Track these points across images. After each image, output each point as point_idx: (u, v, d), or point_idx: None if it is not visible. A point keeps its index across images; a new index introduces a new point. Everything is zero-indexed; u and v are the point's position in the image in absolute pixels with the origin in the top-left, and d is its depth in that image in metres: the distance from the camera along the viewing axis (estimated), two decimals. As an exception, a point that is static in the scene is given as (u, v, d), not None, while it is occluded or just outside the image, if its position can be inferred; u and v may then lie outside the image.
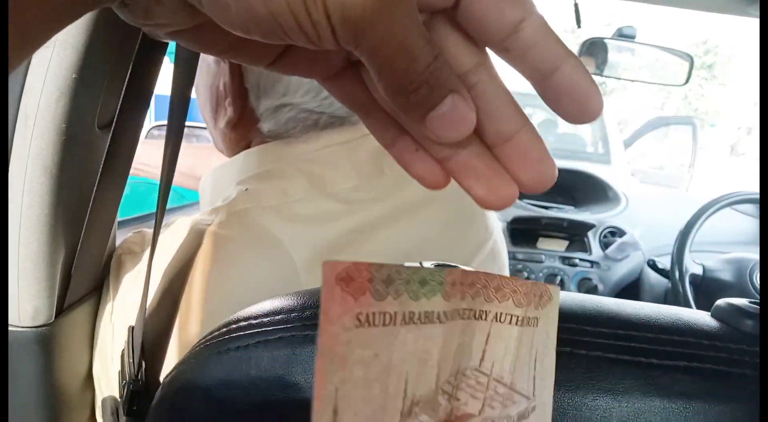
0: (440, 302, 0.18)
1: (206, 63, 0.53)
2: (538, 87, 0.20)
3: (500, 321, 0.21)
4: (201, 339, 0.33)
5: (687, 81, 1.18)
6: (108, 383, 0.50)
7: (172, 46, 0.45)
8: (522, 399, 0.22)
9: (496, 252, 0.51)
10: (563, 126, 4.02)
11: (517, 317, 0.21)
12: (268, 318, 0.30)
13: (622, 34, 1.17)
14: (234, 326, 0.31)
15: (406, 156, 0.22)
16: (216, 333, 0.32)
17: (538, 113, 4.19)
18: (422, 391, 0.18)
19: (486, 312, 0.20)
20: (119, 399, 0.47)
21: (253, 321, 0.31)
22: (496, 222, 0.54)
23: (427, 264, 0.31)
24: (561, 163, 1.96)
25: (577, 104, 0.19)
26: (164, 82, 0.51)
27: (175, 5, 0.19)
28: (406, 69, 0.19)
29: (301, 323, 0.29)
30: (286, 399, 0.28)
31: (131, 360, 0.45)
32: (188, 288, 0.45)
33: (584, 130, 3.80)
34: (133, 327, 0.46)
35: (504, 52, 0.20)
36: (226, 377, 0.30)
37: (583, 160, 3.41)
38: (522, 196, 1.54)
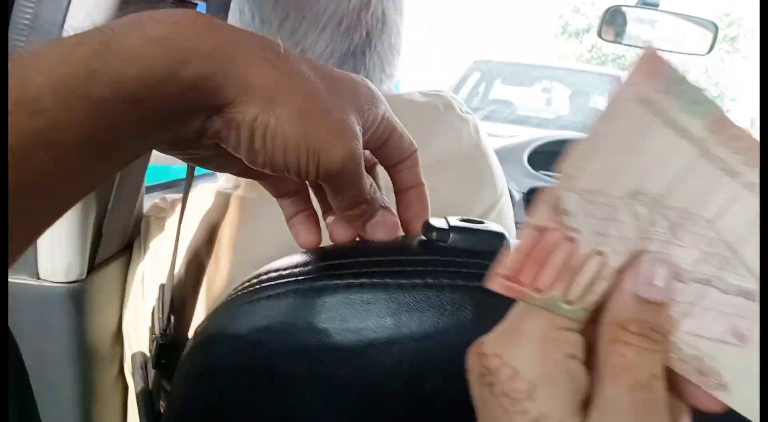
0: (698, 127, 0.20)
1: None
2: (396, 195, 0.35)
3: (751, 190, 0.20)
4: (231, 291, 0.35)
5: (710, 50, 1.16)
6: (137, 339, 0.52)
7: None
8: (751, 278, 0.21)
9: (503, 214, 0.52)
10: (579, 99, 3.97)
11: (755, 185, 0.20)
12: (298, 269, 0.31)
13: (645, 2, 1.15)
14: (264, 277, 0.33)
15: (303, 221, 0.35)
16: (246, 283, 0.33)
17: (563, 88, 4.14)
18: (650, 187, 0.20)
19: (739, 173, 0.20)
20: (148, 355, 0.48)
21: (283, 272, 0.32)
22: (504, 185, 0.55)
23: (452, 218, 0.32)
24: (574, 134, 1.95)
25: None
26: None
27: (212, 149, 0.28)
28: (355, 195, 0.31)
29: (330, 272, 0.30)
30: (316, 344, 0.29)
31: (161, 316, 0.46)
32: (216, 248, 0.47)
33: (601, 104, 3.75)
34: (163, 285, 0.47)
35: (393, 171, 0.34)
36: (258, 324, 0.31)
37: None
38: (537, 168, 1.53)
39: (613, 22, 1.07)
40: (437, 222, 0.32)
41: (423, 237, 0.32)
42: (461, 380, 0.28)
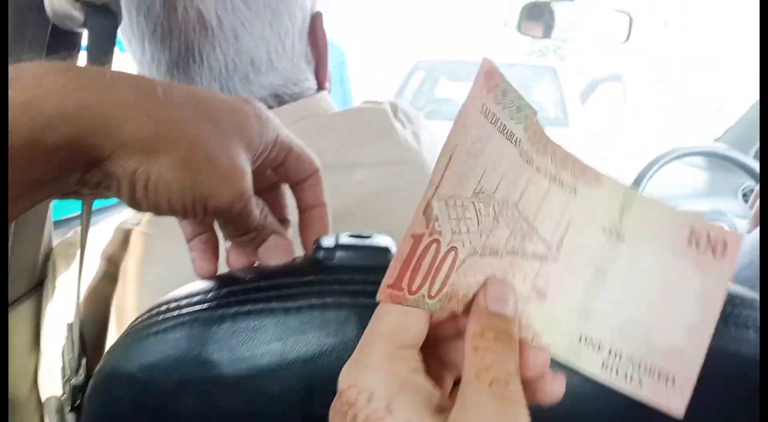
0: (521, 131, 0.23)
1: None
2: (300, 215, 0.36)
3: (539, 171, 0.25)
4: (127, 328, 0.34)
5: (627, 38, 1.20)
6: (53, 383, 0.50)
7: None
8: (540, 243, 0.25)
9: None
10: (522, 92, 4.05)
11: (551, 174, 0.25)
12: (186, 301, 0.31)
13: (562, -4, 1.18)
14: (155, 312, 0.32)
15: (201, 246, 0.34)
16: (139, 320, 0.33)
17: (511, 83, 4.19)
18: (487, 187, 0.23)
19: (533, 160, 0.24)
20: (62, 398, 0.47)
21: (172, 305, 0.31)
22: None
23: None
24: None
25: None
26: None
27: (116, 193, 0.27)
28: (243, 226, 0.31)
29: (216, 302, 0.30)
30: (205, 377, 0.29)
31: (71, 356, 0.45)
32: (121, 284, 0.46)
33: (545, 96, 3.84)
34: (70, 324, 0.46)
35: (296, 190, 0.35)
36: (148, 360, 0.30)
37: (544, 124, 3.45)
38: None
39: (531, 17, 1.10)
40: (326, 240, 0.32)
41: (313, 257, 0.32)
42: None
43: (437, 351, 0.25)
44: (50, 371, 0.50)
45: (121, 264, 0.47)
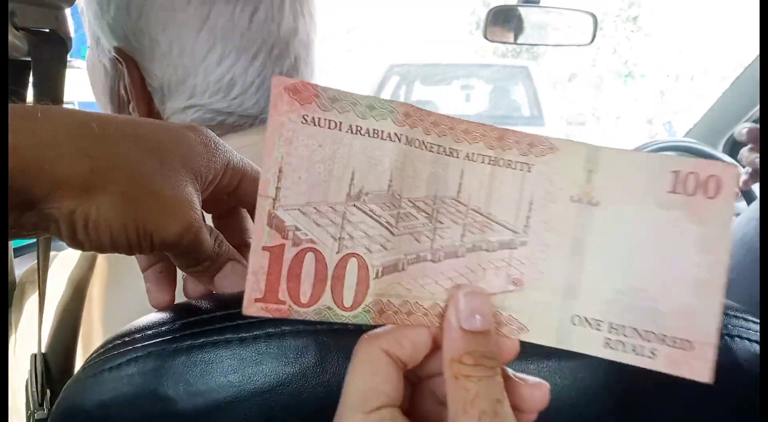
0: (391, 125, 0.22)
1: (101, 65, 0.51)
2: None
3: (472, 160, 0.24)
4: (84, 362, 0.33)
5: (592, 40, 1.21)
6: (18, 418, 0.49)
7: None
8: (504, 230, 0.24)
9: None
10: (498, 93, 4.08)
11: (489, 158, 0.24)
12: (140, 334, 0.30)
13: (527, 0, 1.19)
14: (110, 346, 0.31)
15: (156, 277, 0.33)
16: (94, 354, 0.32)
17: (482, 84, 4.25)
18: (372, 187, 0.22)
19: (457, 150, 0.24)
20: None
21: (127, 339, 0.31)
22: None
23: None
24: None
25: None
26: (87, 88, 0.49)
27: (57, 234, 0.26)
28: (197, 256, 0.30)
29: (171, 336, 0.29)
30: (161, 412, 0.28)
31: (35, 389, 0.44)
32: (87, 309, 0.45)
33: (520, 96, 3.88)
34: (35, 355, 0.45)
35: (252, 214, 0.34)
36: (102, 397, 0.30)
37: (520, 123, 3.49)
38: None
39: (497, 23, 1.11)
40: None
41: None
42: (310, 427, 0.28)
43: (431, 388, 0.25)
44: (16, 406, 0.49)
45: (87, 289, 0.46)
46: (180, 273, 0.34)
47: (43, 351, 0.44)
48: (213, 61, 0.45)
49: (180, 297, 0.34)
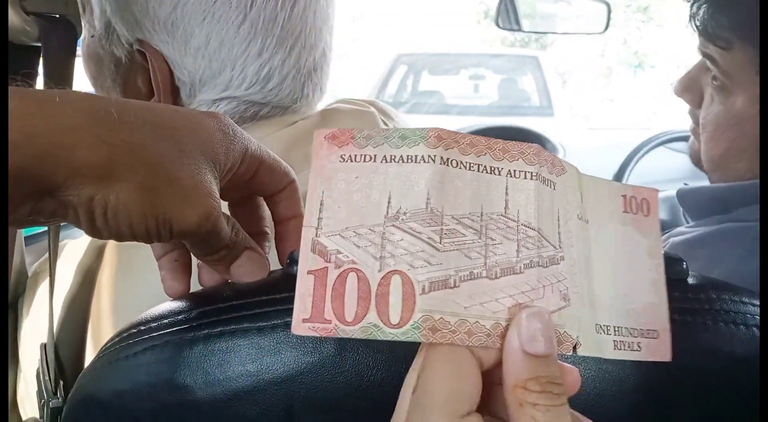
0: (423, 149, 0.23)
1: (108, 56, 0.48)
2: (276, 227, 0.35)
3: (515, 176, 0.24)
4: (99, 351, 0.33)
5: (606, 28, 1.19)
6: (32, 405, 0.49)
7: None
8: (549, 246, 0.24)
9: None
10: (507, 83, 4.05)
11: (531, 173, 0.25)
12: (156, 323, 0.30)
13: (540, -13, 1.17)
14: (125, 334, 0.31)
15: (171, 265, 0.33)
16: (110, 343, 0.32)
17: (491, 74, 4.21)
18: (410, 206, 0.23)
19: (498, 168, 0.24)
20: (41, 420, 0.46)
21: (143, 328, 0.30)
22: None
23: None
24: (499, 120, 1.99)
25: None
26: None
27: (74, 222, 0.26)
28: (213, 245, 0.29)
29: (188, 325, 0.29)
30: (178, 402, 0.28)
31: (47, 378, 0.44)
32: (96, 298, 0.45)
33: (529, 86, 3.84)
34: (44, 344, 0.45)
35: (271, 202, 0.35)
36: (119, 386, 0.29)
37: (528, 114, 3.46)
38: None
39: (508, 10, 1.09)
40: None
41: (287, 272, 0.31)
42: (330, 416, 0.28)
43: (486, 405, 0.23)
44: (29, 394, 0.49)
45: (96, 278, 0.46)
46: (195, 262, 0.34)
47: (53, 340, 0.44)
48: (253, 54, 0.44)
49: (194, 287, 0.34)
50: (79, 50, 0.46)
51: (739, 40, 0.52)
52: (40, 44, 0.41)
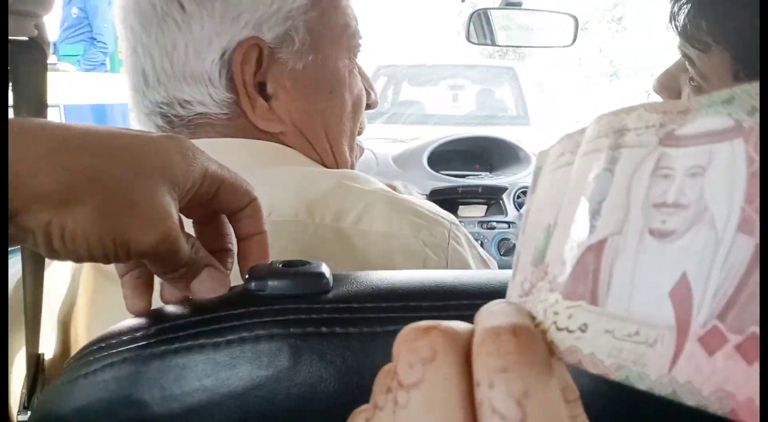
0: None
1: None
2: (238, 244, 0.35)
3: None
4: (64, 366, 0.33)
5: (574, 41, 1.22)
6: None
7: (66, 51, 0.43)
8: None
9: None
10: (484, 94, 4.10)
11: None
12: (116, 340, 0.30)
13: (509, 3, 1.20)
14: (86, 351, 0.31)
15: (133, 283, 0.33)
16: (72, 360, 0.32)
17: (469, 85, 4.26)
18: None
19: None
20: None
21: (103, 345, 0.31)
22: None
23: None
24: (476, 130, 2.01)
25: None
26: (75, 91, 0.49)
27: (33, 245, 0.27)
28: (173, 263, 0.30)
29: (146, 341, 0.30)
30: (135, 418, 0.29)
31: (23, 391, 0.44)
32: (75, 315, 0.45)
33: (506, 96, 3.90)
34: (31, 355, 0.45)
35: (233, 220, 0.35)
36: (78, 404, 0.30)
37: (505, 123, 3.51)
38: (438, 169, 1.57)
39: (478, 25, 1.12)
40: (259, 269, 0.32)
41: (245, 288, 0.32)
42: (285, 430, 0.28)
43: None
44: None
45: (76, 289, 0.46)
46: (158, 279, 0.34)
47: (40, 350, 0.44)
48: None
49: (157, 303, 0.34)
50: (55, 66, 0.47)
51: (717, 44, 0.53)
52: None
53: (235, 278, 0.34)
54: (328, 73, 0.53)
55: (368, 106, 0.61)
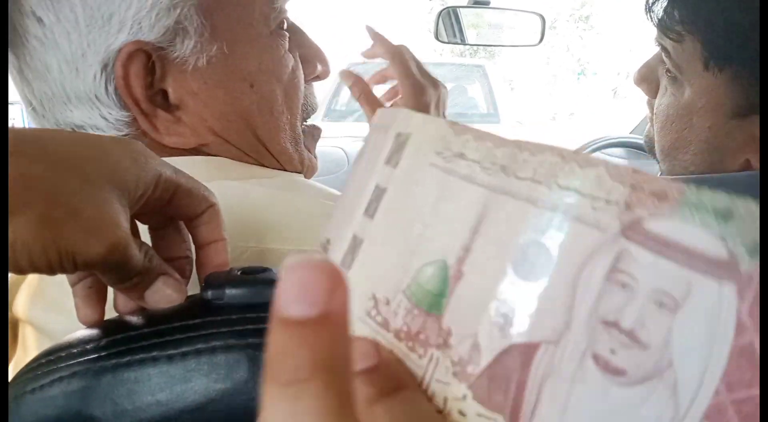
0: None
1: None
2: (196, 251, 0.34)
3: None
4: (9, 385, 0.32)
5: (541, 40, 1.23)
6: None
7: None
8: None
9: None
10: (455, 91, 4.13)
11: None
12: (65, 353, 0.29)
13: (477, 1, 1.20)
14: (34, 365, 0.30)
15: (84, 293, 0.32)
16: (19, 374, 0.31)
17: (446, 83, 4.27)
18: None
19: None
20: None
21: (51, 357, 0.29)
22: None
23: None
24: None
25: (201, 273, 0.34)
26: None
27: None
28: (124, 273, 0.29)
29: (96, 354, 0.28)
30: (86, 435, 0.27)
31: None
32: (14, 298, 0.43)
33: (476, 93, 3.92)
34: None
35: (190, 226, 0.34)
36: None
37: (475, 121, 3.53)
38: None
39: (447, 24, 1.12)
40: (215, 278, 0.31)
41: (201, 297, 0.31)
42: (242, 444, 0.27)
43: None
44: None
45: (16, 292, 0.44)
46: (111, 288, 0.33)
47: None
48: None
49: (111, 313, 0.33)
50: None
51: (689, 34, 0.54)
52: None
53: (195, 287, 0.33)
54: (241, 62, 0.44)
55: (317, 78, 0.53)
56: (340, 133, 1.90)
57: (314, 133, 0.54)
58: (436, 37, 1.12)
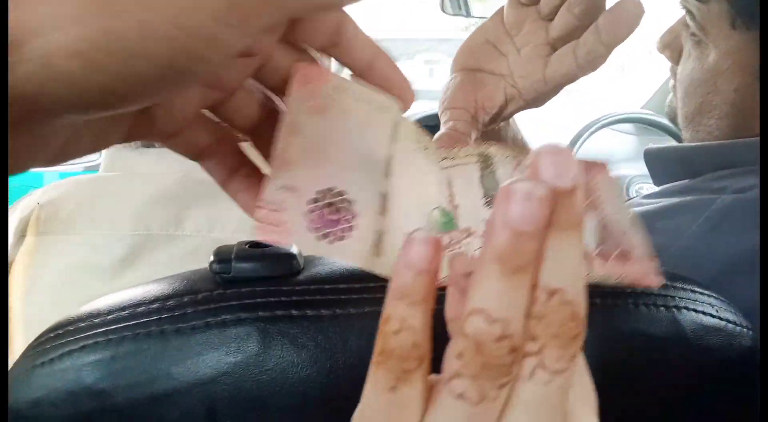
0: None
1: None
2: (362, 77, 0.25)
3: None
4: (18, 359, 0.31)
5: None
6: None
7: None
8: None
9: None
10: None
11: None
12: (73, 327, 0.29)
13: (484, -28, 1.17)
14: (43, 339, 0.30)
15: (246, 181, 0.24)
16: (28, 348, 0.30)
17: (445, 59, 4.21)
18: None
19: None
20: None
21: (60, 331, 0.29)
22: None
23: None
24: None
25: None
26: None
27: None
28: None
29: (105, 328, 0.28)
30: (97, 408, 0.27)
31: None
32: (10, 298, 0.43)
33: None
34: None
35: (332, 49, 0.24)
36: (35, 395, 0.28)
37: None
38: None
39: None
40: (224, 251, 0.31)
41: (209, 271, 0.30)
42: (254, 415, 0.27)
43: None
44: None
45: (12, 268, 0.44)
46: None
47: None
48: None
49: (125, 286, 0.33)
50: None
51: None
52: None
53: (201, 263, 0.32)
54: None
55: None
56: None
57: None
58: (442, 9, 1.09)
